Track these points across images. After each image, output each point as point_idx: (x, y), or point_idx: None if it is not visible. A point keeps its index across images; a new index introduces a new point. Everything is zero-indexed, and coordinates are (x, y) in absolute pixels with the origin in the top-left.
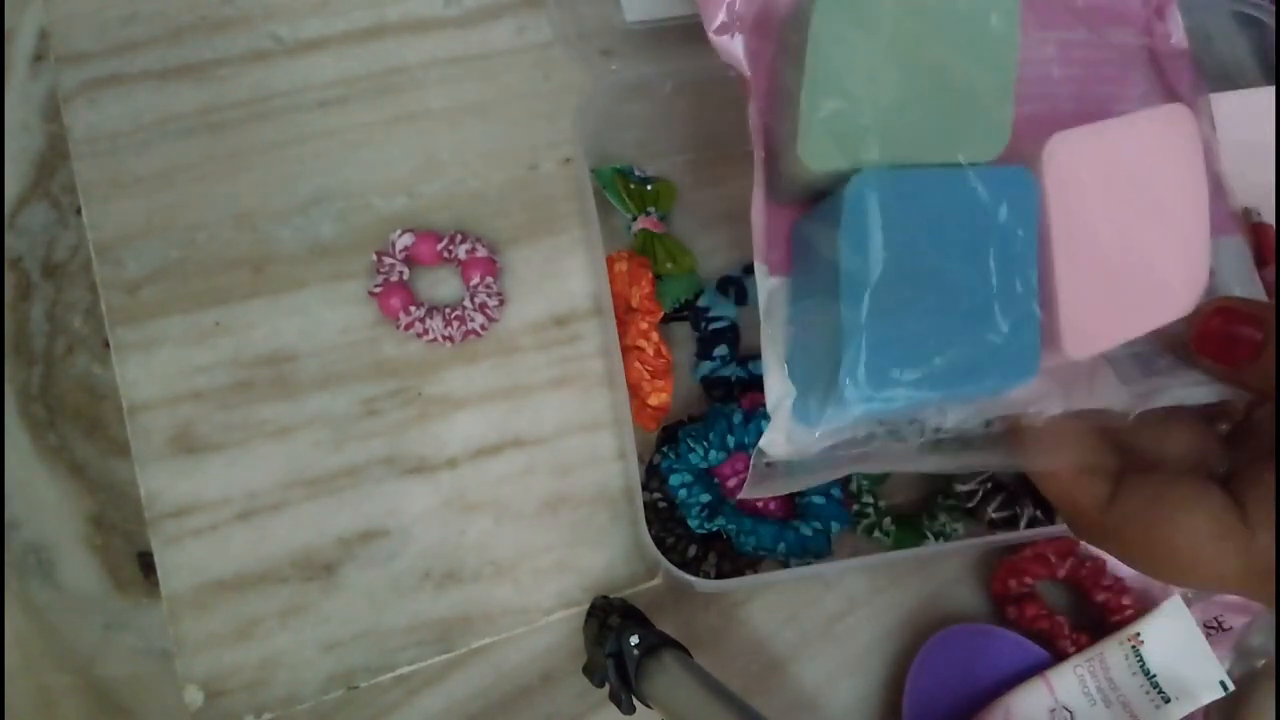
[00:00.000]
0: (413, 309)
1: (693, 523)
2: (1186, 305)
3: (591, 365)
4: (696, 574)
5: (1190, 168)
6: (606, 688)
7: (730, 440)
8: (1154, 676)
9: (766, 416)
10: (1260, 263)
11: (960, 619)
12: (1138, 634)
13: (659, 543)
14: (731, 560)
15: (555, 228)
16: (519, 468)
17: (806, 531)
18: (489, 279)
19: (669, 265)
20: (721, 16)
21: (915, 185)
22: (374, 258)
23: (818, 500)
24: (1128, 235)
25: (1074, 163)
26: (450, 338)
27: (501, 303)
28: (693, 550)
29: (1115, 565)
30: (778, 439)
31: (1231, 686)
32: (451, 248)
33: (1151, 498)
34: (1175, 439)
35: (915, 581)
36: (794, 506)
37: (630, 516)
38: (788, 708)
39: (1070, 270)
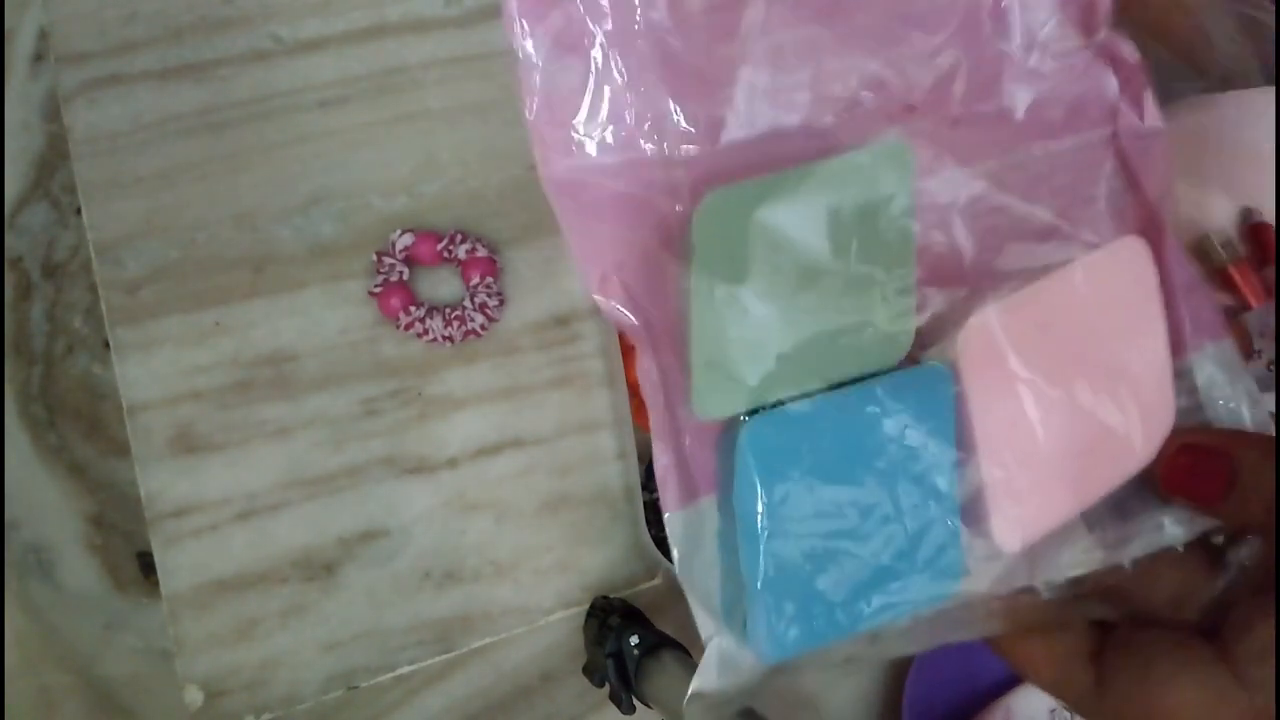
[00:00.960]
0: (413, 309)
1: None
2: (1148, 454)
3: (591, 365)
4: None
5: (1144, 303)
6: (606, 688)
7: None
8: None
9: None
10: (1261, 261)
11: None
12: None
13: (659, 543)
14: None
15: (555, 228)
16: (519, 468)
17: None
18: (489, 279)
19: None
20: (599, 274)
21: (811, 419)
22: (374, 258)
23: None
24: (1066, 404)
25: (992, 341)
26: (450, 338)
27: (501, 303)
28: None
29: None
30: (709, 676)
31: None
32: (451, 248)
33: (1138, 677)
34: (1162, 583)
35: None
36: None
37: (630, 516)
38: (788, 708)
39: (998, 461)
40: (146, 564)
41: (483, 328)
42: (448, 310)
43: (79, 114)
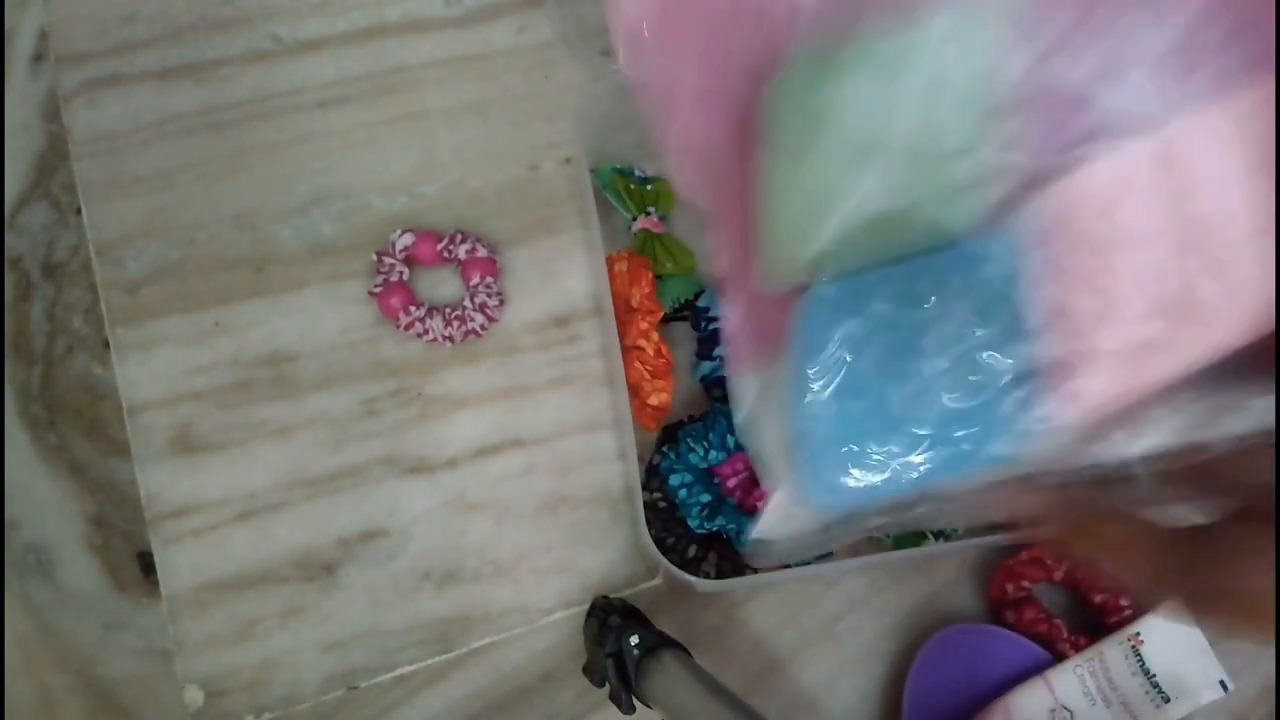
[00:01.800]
0: (413, 309)
1: (693, 523)
2: (1240, 333)
3: (591, 365)
4: (696, 574)
5: (1257, 172)
6: (606, 688)
7: (730, 440)
8: (1154, 676)
9: None
10: None
11: (959, 620)
12: (1137, 634)
13: (659, 543)
14: (731, 560)
15: (555, 228)
16: (519, 468)
17: None
18: (489, 279)
19: (669, 265)
20: (678, 148)
21: (873, 286)
22: (374, 258)
23: None
24: (1160, 268)
25: (1095, 201)
26: (450, 338)
27: (501, 303)
28: (693, 550)
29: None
30: (771, 523)
31: (1231, 686)
32: (451, 248)
33: (1231, 562)
34: (1256, 465)
35: (915, 582)
36: None
37: (630, 516)
38: (788, 708)
39: (1073, 330)
40: (146, 564)
41: (483, 328)
42: (448, 310)
43: (79, 114)
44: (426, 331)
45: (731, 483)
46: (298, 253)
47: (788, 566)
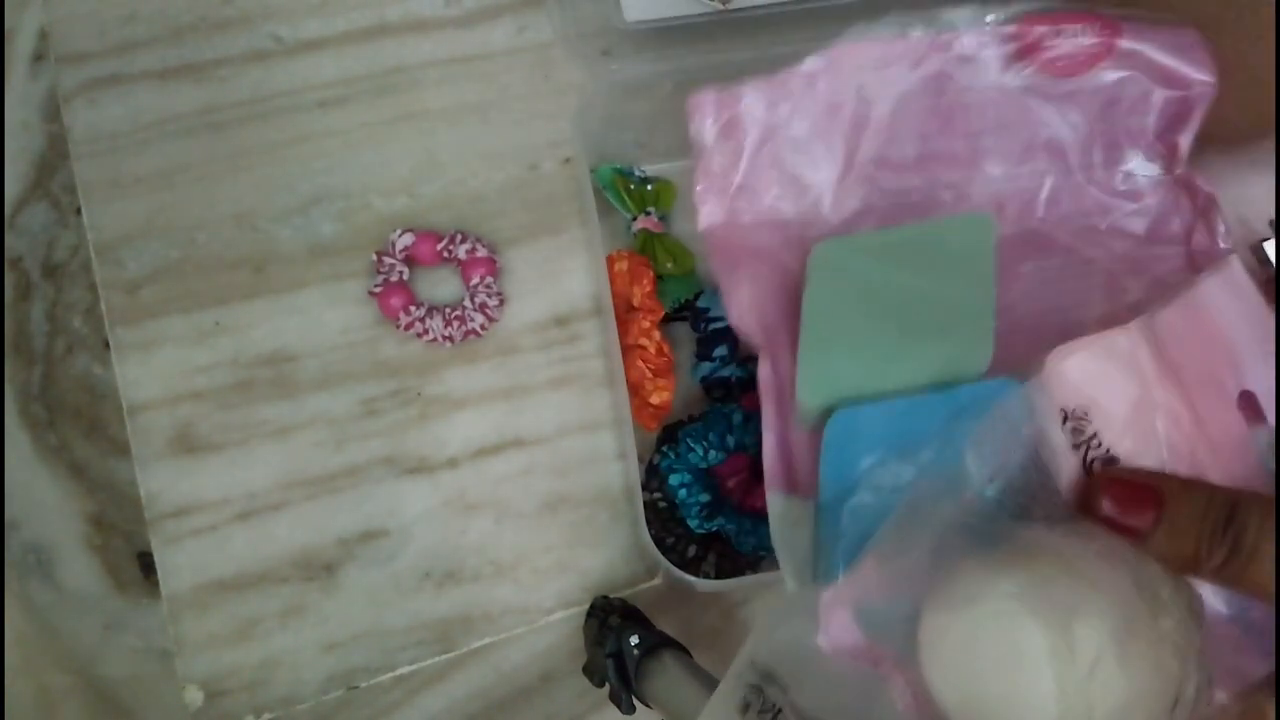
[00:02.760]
0: (413, 309)
1: (692, 523)
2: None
3: (591, 365)
4: (697, 574)
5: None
6: (606, 688)
7: (730, 440)
8: None
9: None
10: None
11: None
12: None
13: (659, 543)
14: (732, 560)
15: (555, 228)
16: (519, 468)
17: None
18: (489, 279)
19: (669, 265)
20: (737, 305)
21: (891, 413)
22: (374, 258)
23: None
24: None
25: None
26: (450, 338)
27: (501, 303)
28: (693, 550)
29: None
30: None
31: None
32: (451, 248)
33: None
34: None
35: None
36: None
37: (630, 516)
38: None
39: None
40: (146, 564)
41: (483, 328)
42: (448, 310)
43: (79, 114)
44: (426, 331)
45: (731, 483)
46: (298, 253)
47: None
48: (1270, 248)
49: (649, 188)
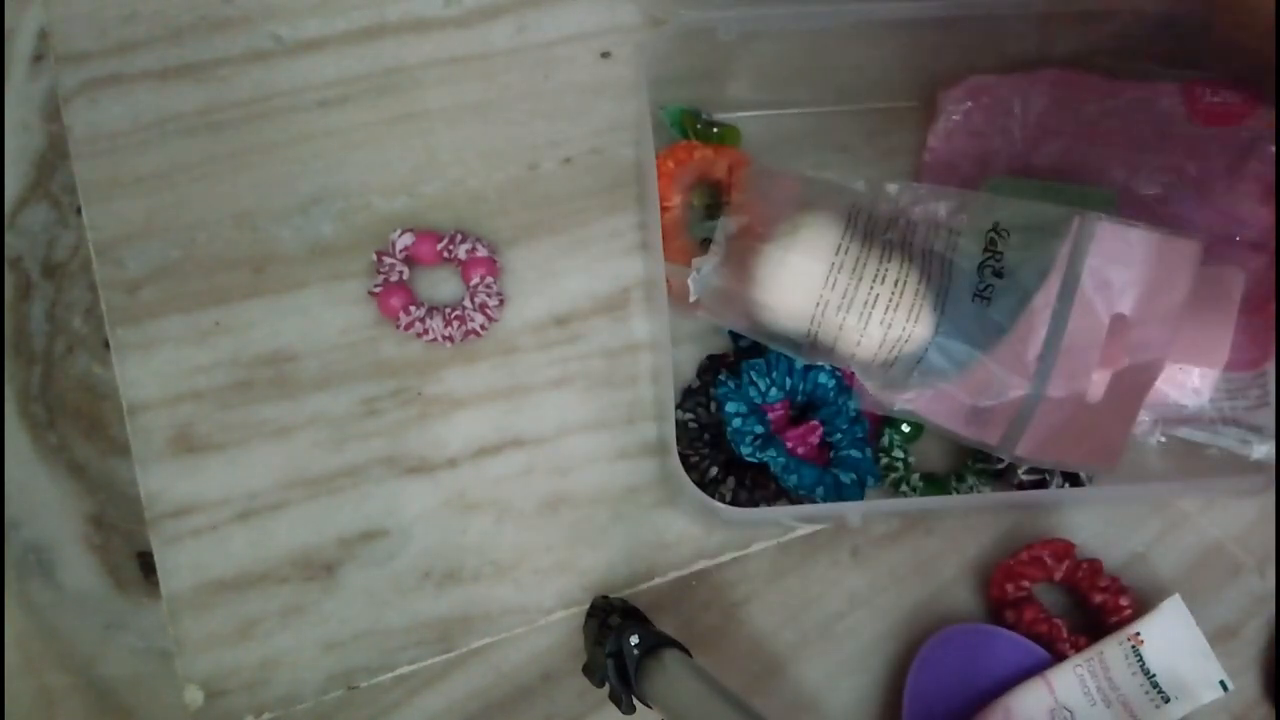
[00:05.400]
0: (413, 309)
1: (745, 449)
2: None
3: (592, 365)
4: (714, 496)
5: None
6: (606, 688)
7: (789, 382)
8: (1154, 676)
9: (824, 368)
10: None
11: (960, 619)
12: (1137, 633)
13: (683, 459)
14: (748, 492)
15: (555, 228)
16: (519, 468)
17: (845, 479)
18: (489, 279)
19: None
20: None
21: None
22: (374, 258)
23: (854, 454)
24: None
25: None
26: (450, 338)
27: (501, 303)
28: (714, 471)
29: (1111, 565)
30: None
31: (1231, 686)
32: (451, 248)
33: None
34: None
35: (915, 582)
36: (830, 457)
37: (630, 516)
38: (788, 708)
39: None
40: (146, 564)
41: (483, 328)
42: (448, 310)
43: (79, 114)
44: (426, 331)
45: (770, 418)
46: (298, 253)
47: (811, 501)
48: None
49: (715, 130)
